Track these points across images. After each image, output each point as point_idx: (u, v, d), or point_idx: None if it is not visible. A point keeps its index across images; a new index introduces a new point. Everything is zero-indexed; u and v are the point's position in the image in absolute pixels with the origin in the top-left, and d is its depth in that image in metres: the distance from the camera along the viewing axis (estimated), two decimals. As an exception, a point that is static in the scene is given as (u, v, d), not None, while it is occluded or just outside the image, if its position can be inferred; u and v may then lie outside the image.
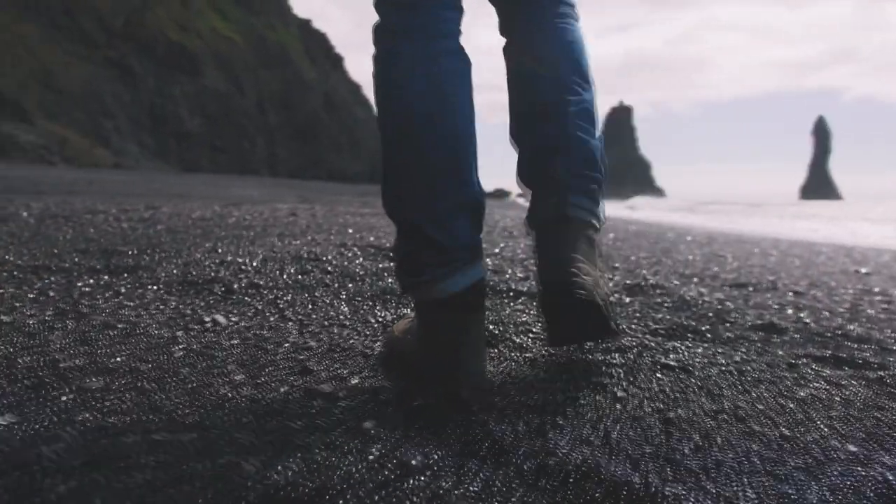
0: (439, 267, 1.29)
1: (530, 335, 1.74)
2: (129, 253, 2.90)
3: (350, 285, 2.42)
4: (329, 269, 2.76)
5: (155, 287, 2.19)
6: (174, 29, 37.61)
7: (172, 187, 12.30)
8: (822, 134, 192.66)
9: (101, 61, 33.90)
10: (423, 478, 0.91)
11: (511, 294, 2.33)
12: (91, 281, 2.24)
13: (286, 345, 1.57)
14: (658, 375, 1.45)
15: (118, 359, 1.38)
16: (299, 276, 2.56)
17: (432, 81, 1.29)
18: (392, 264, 2.86)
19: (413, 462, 0.93)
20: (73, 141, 28.26)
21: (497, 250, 3.67)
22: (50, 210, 5.21)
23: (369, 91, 1.60)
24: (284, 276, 2.54)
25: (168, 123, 35.14)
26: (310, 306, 2.04)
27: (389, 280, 2.52)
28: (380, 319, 1.92)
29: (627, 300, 2.41)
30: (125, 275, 2.38)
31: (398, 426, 1.08)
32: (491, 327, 1.78)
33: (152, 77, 35.48)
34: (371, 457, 0.96)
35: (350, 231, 4.36)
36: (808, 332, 1.96)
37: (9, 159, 22.79)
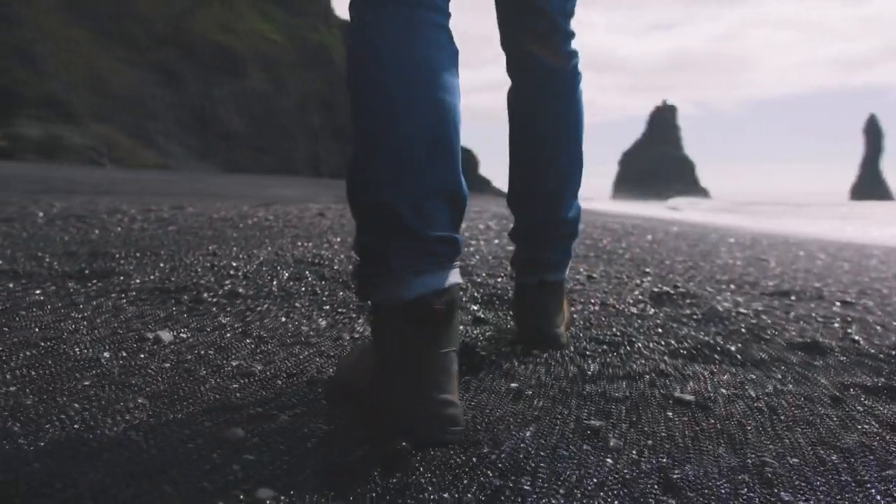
0: (407, 259, 1.04)
1: (522, 359, 1.48)
2: (117, 256, 2.72)
3: (340, 293, 2.19)
4: (327, 274, 2.54)
5: (118, 295, 1.98)
6: (218, 31, 37.97)
7: (211, 187, 12.27)
8: (873, 132, 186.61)
9: (148, 66, 34.38)
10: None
11: (517, 305, 2.07)
12: (52, 288, 2.04)
13: (227, 369, 1.32)
14: (668, 414, 1.18)
15: (11, 388, 1.14)
16: (289, 283, 2.33)
17: (412, 51, 1.09)
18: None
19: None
20: (120, 143, 28.75)
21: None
22: (70, 210, 5.10)
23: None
24: (273, 283, 2.32)
25: (212, 125, 35.46)
26: (283, 319, 1.81)
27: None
28: (356, 335, 1.68)
29: (651, 311, 2.14)
30: (95, 281, 2.17)
31: (306, 493, 0.82)
32: (478, 349, 1.51)
33: (196, 79, 35.87)
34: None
35: (368, 232, 4.14)
36: (857, 353, 1.68)
37: (59, 160, 23.22)
